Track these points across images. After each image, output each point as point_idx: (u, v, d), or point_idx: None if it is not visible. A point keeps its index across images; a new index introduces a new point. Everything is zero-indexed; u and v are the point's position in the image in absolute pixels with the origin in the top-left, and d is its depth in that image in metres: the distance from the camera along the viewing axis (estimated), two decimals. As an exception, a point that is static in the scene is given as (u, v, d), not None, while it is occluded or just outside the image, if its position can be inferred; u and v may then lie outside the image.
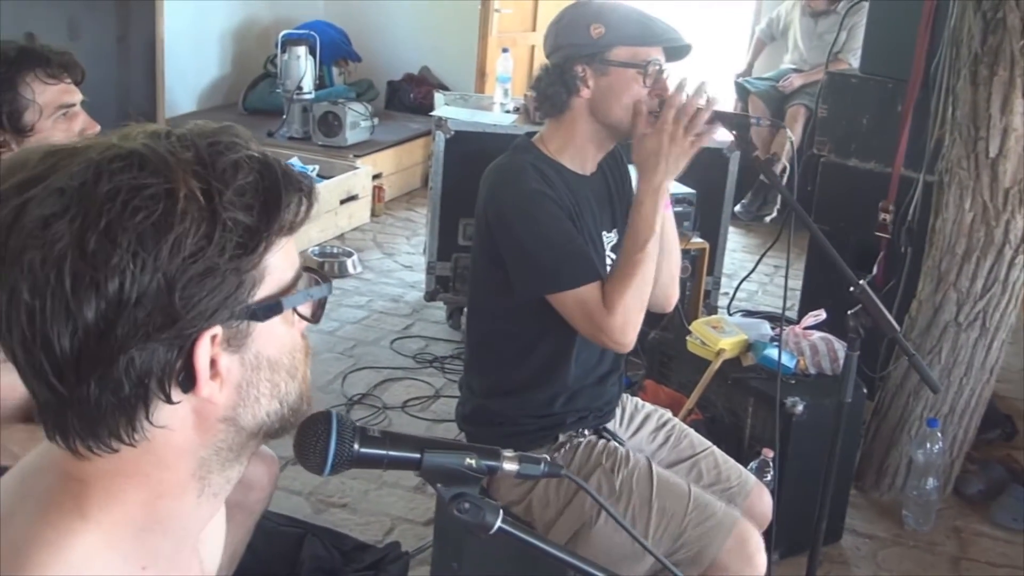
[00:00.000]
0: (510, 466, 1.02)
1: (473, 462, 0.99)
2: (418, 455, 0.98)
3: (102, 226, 0.79)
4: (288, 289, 0.90)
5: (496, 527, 0.99)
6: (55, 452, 0.89)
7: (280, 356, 0.92)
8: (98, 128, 2.20)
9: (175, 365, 0.84)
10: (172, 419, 0.87)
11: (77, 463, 0.88)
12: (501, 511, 1.00)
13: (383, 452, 0.97)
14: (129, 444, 0.86)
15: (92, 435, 0.85)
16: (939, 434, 3.12)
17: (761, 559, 2.05)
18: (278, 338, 0.91)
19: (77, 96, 2.20)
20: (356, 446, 0.95)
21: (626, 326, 2.00)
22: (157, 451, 0.88)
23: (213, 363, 0.86)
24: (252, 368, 0.90)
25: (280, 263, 0.89)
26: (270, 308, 0.88)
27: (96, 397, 0.83)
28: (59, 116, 2.15)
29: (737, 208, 5.93)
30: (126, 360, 0.82)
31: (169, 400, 0.85)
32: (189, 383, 0.85)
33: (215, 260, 0.82)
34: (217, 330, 0.85)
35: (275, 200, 0.86)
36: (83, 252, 0.79)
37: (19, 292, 0.80)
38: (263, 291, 0.88)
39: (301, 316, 0.94)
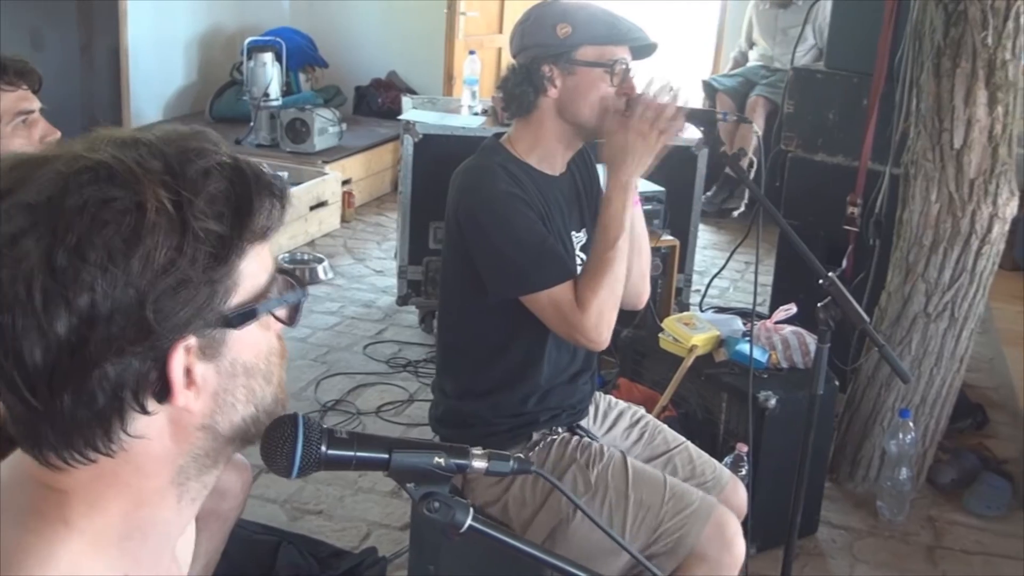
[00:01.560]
0: (479, 464, 1.01)
1: (442, 461, 0.98)
2: (386, 455, 0.97)
3: (70, 242, 0.78)
4: (262, 295, 0.89)
5: (467, 525, 0.99)
6: (28, 465, 0.88)
7: (256, 361, 0.91)
8: (58, 134, 2.19)
9: (149, 376, 0.83)
10: (149, 429, 0.86)
11: (54, 475, 0.86)
12: (472, 509, 0.99)
13: (351, 453, 0.96)
14: (106, 455, 0.85)
15: (68, 447, 0.84)
16: (911, 424, 3.14)
17: (740, 544, 2.05)
18: (254, 343, 0.90)
19: (35, 103, 2.19)
20: (323, 448, 0.94)
21: (600, 324, 2.00)
22: (135, 460, 0.87)
23: (188, 372, 0.85)
24: (228, 375, 0.89)
25: (254, 269, 0.88)
26: (245, 315, 0.87)
27: (70, 410, 0.82)
28: (18, 123, 2.14)
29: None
30: (100, 373, 0.80)
31: (144, 411, 0.84)
32: (164, 394, 0.84)
33: (187, 271, 0.81)
34: (191, 340, 0.84)
35: (247, 207, 0.85)
36: (52, 269, 0.78)
37: None
38: (237, 298, 0.86)
39: (278, 319, 0.93)
